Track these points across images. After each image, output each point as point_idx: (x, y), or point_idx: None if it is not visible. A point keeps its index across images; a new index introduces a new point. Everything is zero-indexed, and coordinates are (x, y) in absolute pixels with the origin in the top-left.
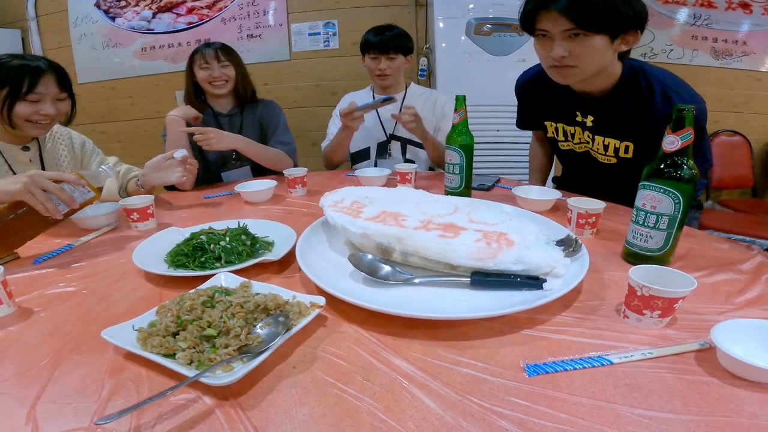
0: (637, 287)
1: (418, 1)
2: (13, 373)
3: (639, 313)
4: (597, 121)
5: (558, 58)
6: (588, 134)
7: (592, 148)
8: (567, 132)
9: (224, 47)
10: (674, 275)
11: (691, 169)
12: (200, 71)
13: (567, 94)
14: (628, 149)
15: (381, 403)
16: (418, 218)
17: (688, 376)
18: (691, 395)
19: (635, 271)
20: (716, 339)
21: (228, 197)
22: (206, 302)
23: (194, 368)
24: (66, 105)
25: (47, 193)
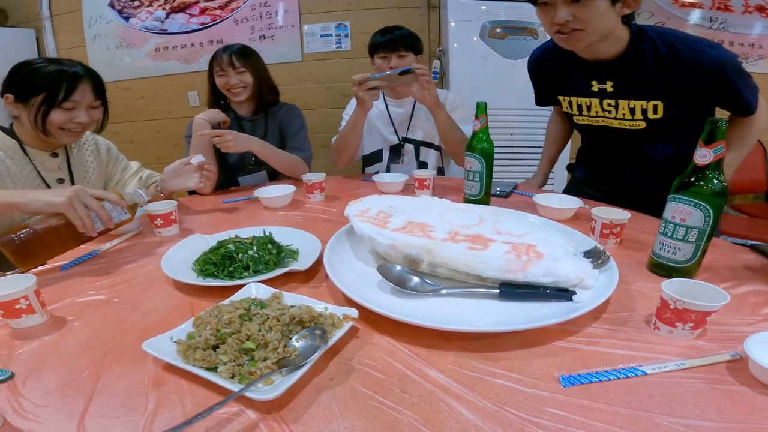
0: (671, 301)
1: (431, 3)
2: (56, 385)
3: (671, 325)
4: (618, 85)
5: (563, 22)
6: (609, 102)
7: (616, 116)
8: (582, 105)
9: (241, 51)
10: (705, 288)
11: (723, 182)
12: (217, 78)
13: (580, 65)
14: (657, 109)
15: (420, 415)
16: (445, 229)
17: (721, 385)
18: (726, 404)
19: (668, 284)
20: (749, 350)
21: (246, 202)
22: (243, 315)
23: (236, 382)
24: (98, 113)
25: (88, 209)
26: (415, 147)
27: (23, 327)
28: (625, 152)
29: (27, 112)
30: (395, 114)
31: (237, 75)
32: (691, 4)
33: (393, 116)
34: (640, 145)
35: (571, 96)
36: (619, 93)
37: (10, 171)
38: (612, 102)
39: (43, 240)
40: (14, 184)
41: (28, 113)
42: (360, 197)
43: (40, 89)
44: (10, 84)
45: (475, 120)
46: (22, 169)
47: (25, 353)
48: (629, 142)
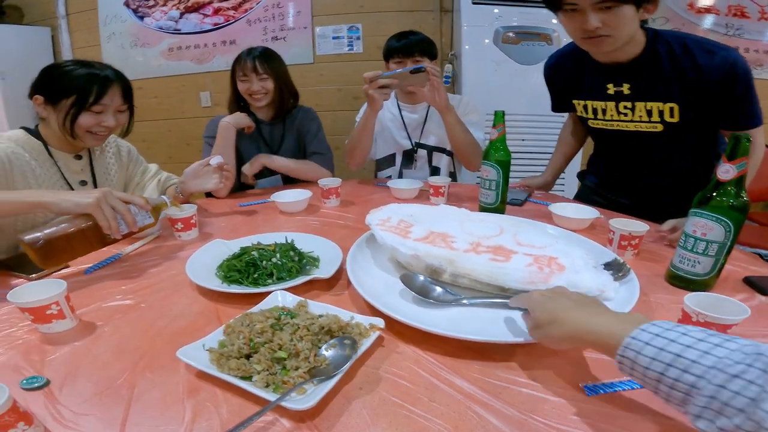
0: (693, 314)
1: (444, 7)
2: (93, 392)
3: None
4: (634, 86)
5: (593, 29)
6: (625, 105)
7: (632, 118)
8: (597, 109)
9: (264, 55)
10: (726, 302)
11: (744, 198)
12: (240, 83)
13: (595, 69)
14: (673, 111)
15: (450, 423)
16: (466, 240)
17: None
18: None
19: (690, 298)
20: None
21: (263, 206)
22: (275, 324)
23: (271, 391)
24: (125, 117)
25: (114, 212)
26: (428, 152)
27: (53, 332)
28: (639, 158)
29: (56, 115)
30: (409, 119)
31: (259, 81)
32: (706, 9)
33: (406, 121)
34: (655, 150)
35: (587, 100)
36: (636, 95)
37: (34, 172)
38: (628, 105)
39: (68, 240)
40: (38, 185)
41: (57, 115)
42: (374, 203)
43: (70, 92)
44: (41, 86)
45: (492, 128)
46: (46, 170)
47: (57, 359)
48: (645, 145)
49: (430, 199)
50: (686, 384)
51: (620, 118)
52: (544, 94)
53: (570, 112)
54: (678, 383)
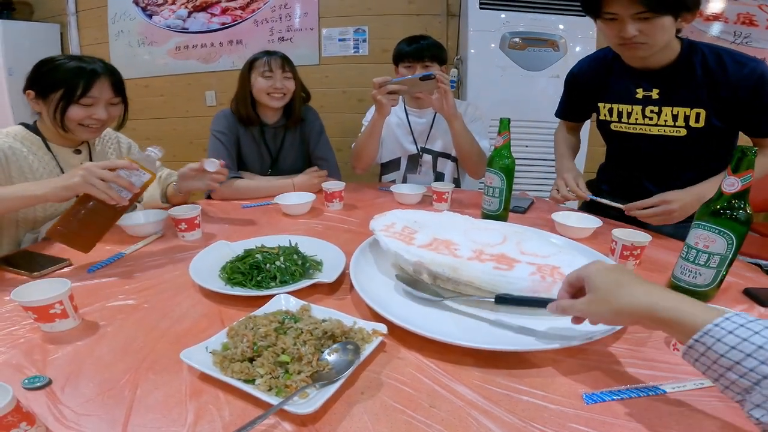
0: None
1: (450, 11)
2: (95, 393)
3: None
4: (664, 92)
5: (630, 36)
6: (652, 109)
7: (657, 122)
8: (623, 112)
9: (286, 57)
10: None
11: (748, 211)
12: (261, 79)
13: (626, 73)
14: (699, 117)
15: (449, 429)
16: (469, 247)
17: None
18: (742, 421)
19: None
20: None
21: (266, 208)
22: (278, 328)
23: (273, 394)
24: (118, 110)
25: (106, 182)
26: (433, 158)
27: (56, 331)
28: (656, 163)
29: (47, 108)
30: (415, 124)
31: (284, 79)
32: (715, 17)
33: (413, 126)
34: (673, 155)
35: (613, 103)
36: (664, 100)
37: (32, 167)
38: (655, 109)
39: (84, 223)
40: (36, 180)
41: (48, 109)
42: (377, 207)
43: (58, 85)
44: (32, 80)
45: (497, 136)
46: (45, 165)
47: (59, 358)
48: (665, 150)
49: (433, 205)
50: (761, 375)
51: (645, 122)
52: (549, 100)
53: (576, 121)
54: (751, 373)
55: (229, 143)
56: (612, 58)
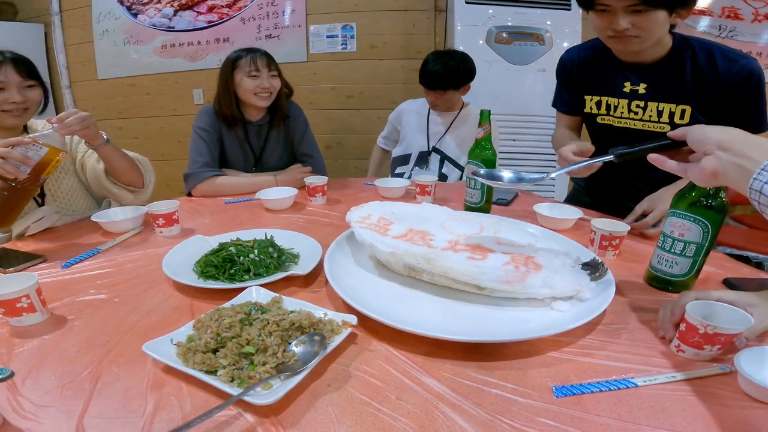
0: (700, 326)
1: (438, 6)
2: (55, 385)
3: (699, 348)
4: (651, 87)
5: (621, 29)
6: (638, 104)
7: (642, 117)
8: (610, 105)
9: (269, 55)
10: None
11: (723, 198)
12: (247, 79)
13: (615, 66)
14: (684, 114)
15: (415, 422)
16: (445, 238)
17: (709, 398)
18: (713, 417)
19: (693, 309)
20: (739, 365)
21: (248, 203)
22: (244, 320)
23: (235, 385)
24: (36, 93)
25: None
26: (440, 159)
27: (23, 325)
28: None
29: None
30: (433, 123)
31: (270, 78)
32: (700, 11)
33: (430, 125)
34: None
35: (600, 95)
36: (650, 95)
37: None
38: (641, 104)
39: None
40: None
41: None
42: (361, 201)
43: None
44: None
45: (478, 128)
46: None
47: (24, 352)
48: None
49: (416, 198)
50: None
51: (630, 116)
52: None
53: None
54: None
55: (211, 140)
56: (601, 50)
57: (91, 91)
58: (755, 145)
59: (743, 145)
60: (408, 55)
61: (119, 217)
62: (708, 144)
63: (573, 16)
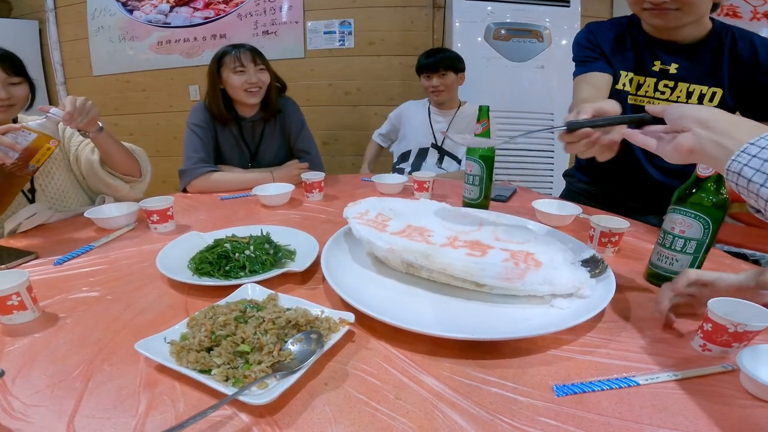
0: (730, 325)
1: (436, 3)
2: (46, 384)
3: (728, 346)
4: (683, 67)
5: (660, 2)
6: (666, 83)
7: (669, 98)
8: (633, 83)
9: (255, 49)
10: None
11: (724, 195)
12: (234, 76)
13: (646, 43)
14: (714, 96)
15: (414, 422)
16: (444, 234)
17: (711, 397)
18: (715, 415)
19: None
20: (741, 363)
21: (245, 199)
22: (239, 317)
23: (230, 385)
24: (22, 89)
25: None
26: (440, 154)
27: (14, 323)
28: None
29: None
30: (435, 122)
31: (258, 72)
32: None
33: (433, 123)
34: None
35: (633, 72)
36: (682, 76)
37: None
38: (670, 84)
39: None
40: None
41: None
42: (358, 197)
43: None
44: None
45: (477, 123)
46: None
47: (15, 351)
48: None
49: (414, 194)
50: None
51: (656, 96)
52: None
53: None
54: None
55: (205, 136)
56: (628, 25)
57: (85, 87)
58: (737, 125)
59: (725, 123)
60: (406, 52)
61: (113, 213)
62: (687, 120)
63: (572, 12)
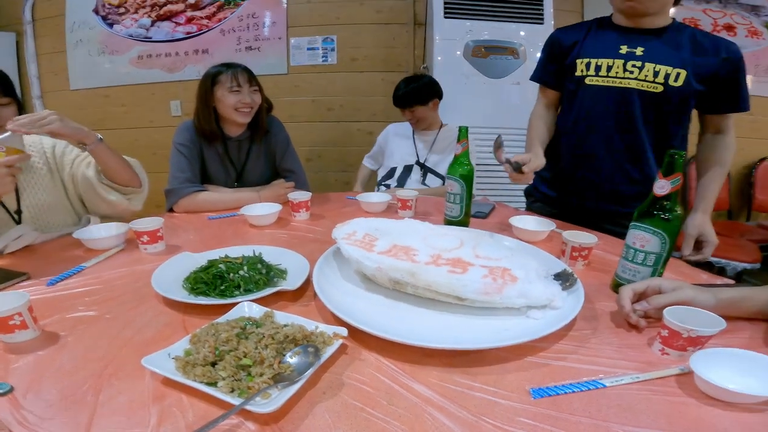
0: (683, 331)
1: (417, 20)
2: (57, 398)
3: (683, 350)
4: (650, 49)
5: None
6: (634, 63)
7: (638, 77)
8: (602, 66)
9: (248, 69)
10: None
11: (678, 211)
12: (229, 95)
13: (614, 31)
14: (679, 77)
15: (406, 425)
16: (427, 252)
17: (670, 397)
18: (674, 414)
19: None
20: (694, 365)
21: (232, 219)
22: (240, 334)
23: (236, 395)
24: (10, 110)
25: None
26: (423, 172)
27: (15, 342)
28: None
29: None
30: (419, 141)
31: (251, 93)
32: None
33: (417, 143)
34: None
35: (593, 57)
36: (648, 56)
37: None
38: (638, 63)
39: None
40: None
41: None
42: (344, 216)
43: None
44: None
45: (456, 144)
46: None
47: (21, 367)
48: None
49: (398, 213)
50: None
51: (625, 75)
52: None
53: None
54: None
55: (191, 156)
56: (592, 24)
57: (62, 101)
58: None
59: None
60: (388, 68)
61: (102, 234)
62: None
63: (545, 29)
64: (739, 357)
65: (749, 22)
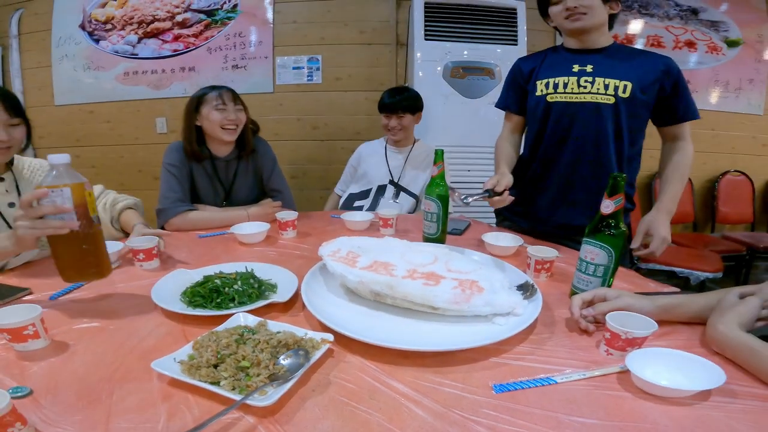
0: (622, 333)
1: (399, 41)
2: (75, 399)
3: (623, 350)
4: (597, 66)
5: (572, 6)
6: (586, 79)
7: (591, 90)
8: (559, 83)
9: (235, 92)
10: (635, 318)
11: (622, 228)
12: (215, 113)
13: (564, 56)
14: (626, 88)
15: (386, 416)
16: (404, 267)
17: (610, 392)
18: (611, 406)
19: (613, 318)
20: (629, 364)
21: (222, 237)
22: (238, 340)
23: (237, 393)
24: (20, 131)
25: (41, 219)
26: (396, 190)
27: (29, 350)
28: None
29: None
30: (392, 158)
31: (236, 111)
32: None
33: (390, 160)
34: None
35: (550, 77)
36: (597, 72)
37: None
38: (589, 79)
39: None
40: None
41: None
42: (329, 234)
43: None
44: None
45: (433, 166)
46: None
47: (37, 372)
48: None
49: (380, 230)
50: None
51: (580, 90)
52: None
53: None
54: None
55: (181, 176)
56: (551, 49)
57: (46, 117)
58: None
59: None
60: (372, 87)
61: None
62: None
63: (519, 50)
64: (672, 356)
65: (709, 38)
